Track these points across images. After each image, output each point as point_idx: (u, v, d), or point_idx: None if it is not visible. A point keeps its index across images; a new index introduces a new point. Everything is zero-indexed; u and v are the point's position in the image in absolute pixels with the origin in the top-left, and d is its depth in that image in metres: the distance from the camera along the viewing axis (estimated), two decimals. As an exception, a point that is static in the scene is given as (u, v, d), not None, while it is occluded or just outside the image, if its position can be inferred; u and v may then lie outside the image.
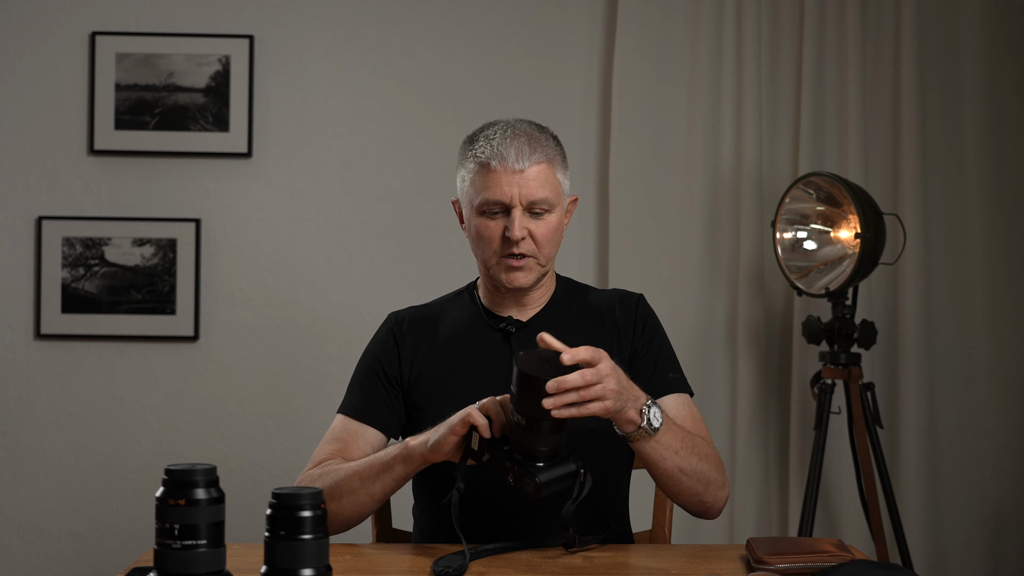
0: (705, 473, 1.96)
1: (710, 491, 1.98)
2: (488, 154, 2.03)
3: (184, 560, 1.44)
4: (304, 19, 3.44)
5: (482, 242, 2.06)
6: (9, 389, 3.38)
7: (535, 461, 1.78)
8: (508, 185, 2.02)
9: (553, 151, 2.07)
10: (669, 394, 2.09)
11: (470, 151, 2.07)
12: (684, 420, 2.06)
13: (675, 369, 2.14)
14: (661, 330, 2.17)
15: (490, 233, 2.05)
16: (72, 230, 3.37)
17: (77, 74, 3.40)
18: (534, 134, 2.06)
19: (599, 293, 2.21)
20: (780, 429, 3.41)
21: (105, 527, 3.38)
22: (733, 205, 3.39)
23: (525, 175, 2.02)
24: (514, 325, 2.10)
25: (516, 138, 2.04)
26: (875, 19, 3.40)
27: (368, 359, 2.16)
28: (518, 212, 2.02)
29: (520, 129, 2.06)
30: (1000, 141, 3.42)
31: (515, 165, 2.02)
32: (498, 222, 2.04)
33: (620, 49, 3.39)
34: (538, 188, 2.03)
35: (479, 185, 2.04)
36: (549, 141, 2.08)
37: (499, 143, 2.03)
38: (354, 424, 2.10)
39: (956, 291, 3.41)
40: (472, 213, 2.07)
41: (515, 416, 1.77)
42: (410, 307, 2.21)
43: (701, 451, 1.96)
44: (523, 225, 2.02)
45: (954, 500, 3.37)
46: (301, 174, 3.44)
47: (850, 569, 1.60)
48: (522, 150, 2.02)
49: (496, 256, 2.06)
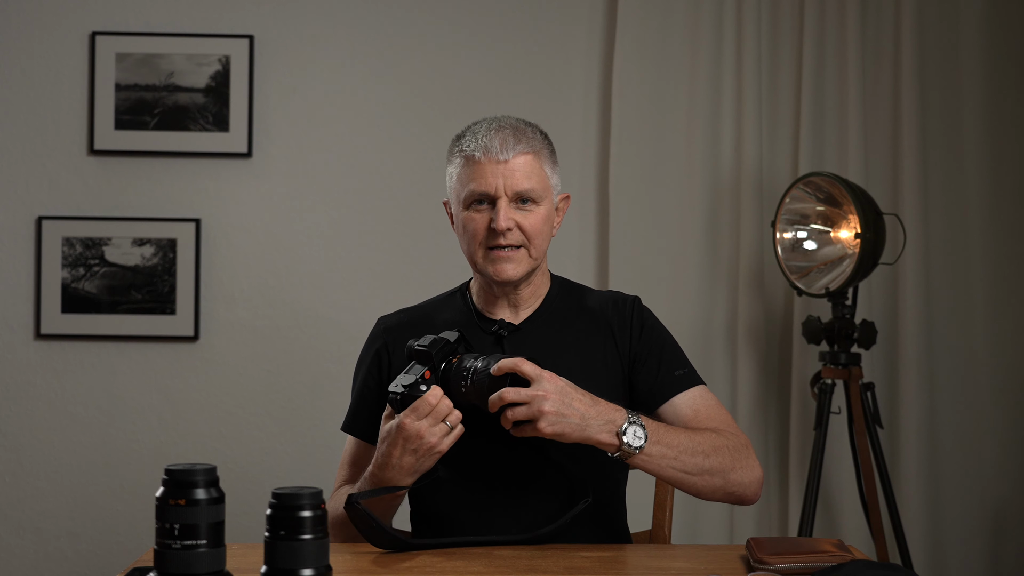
0: (715, 467, 1.94)
1: (731, 480, 1.96)
2: (473, 147, 2.02)
3: (184, 560, 1.44)
4: (304, 19, 3.44)
5: (468, 235, 2.04)
6: (9, 389, 3.38)
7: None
8: (492, 176, 2.00)
9: (540, 144, 2.06)
10: (679, 393, 2.07)
11: (456, 147, 2.07)
12: (699, 413, 2.04)
13: (681, 364, 2.11)
14: (660, 328, 2.14)
15: (475, 226, 2.02)
16: (72, 230, 3.37)
17: (77, 74, 3.40)
18: (520, 127, 2.05)
19: (595, 294, 2.18)
20: (780, 429, 3.41)
21: (105, 527, 3.38)
22: (733, 205, 3.39)
23: (510, 165, 2.01)
24: (506, 328, 2.08)
25: (501, 130, 2.03)
26: (875, 19, 3.40)
27: (361, 373, 2.15)
28: (503, 202, 2.00)
29: (505, 122, 2.05)
30: (1000, 141, 3.42)
31: (499, 155, 2.00)
32: (483, 214, 2.02)
33: (620, 49, 3.39)
34: (523, 179, 2.01)
35: (464, 178, 2.03)
36: (536, 134, 2.06)
37: (483, 135, 2.02)
38: (362, 446, 2.11)
39: (956, 291, 3.41)
40: (459, 208, 2.05)
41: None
42: (400, 310, 2.19)
43: (705, 447, 1.94)
44: (509, 215, 2.00)
45: (954, 500, 3.37)
46: (301, 174, 3.44)
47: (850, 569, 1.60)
48: (506, 141, 2.01)
49: (482, 248, 2.03)
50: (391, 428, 1.87)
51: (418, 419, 1.85)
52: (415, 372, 1.88)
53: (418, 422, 1.85)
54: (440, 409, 1.85)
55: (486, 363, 1.87)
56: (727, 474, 1.96)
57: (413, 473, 1.89)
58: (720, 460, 1.95)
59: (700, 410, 2.05)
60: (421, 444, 1.85)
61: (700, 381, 2.10)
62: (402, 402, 1.87)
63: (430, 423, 1.85)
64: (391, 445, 1.87)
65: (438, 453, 1.88)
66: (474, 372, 1.87)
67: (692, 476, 1.93)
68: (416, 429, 1.85)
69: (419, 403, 1.85)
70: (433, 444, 1.86)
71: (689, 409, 2.05)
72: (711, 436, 1.97)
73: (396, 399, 1.87)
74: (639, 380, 2.08)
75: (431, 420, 1.85)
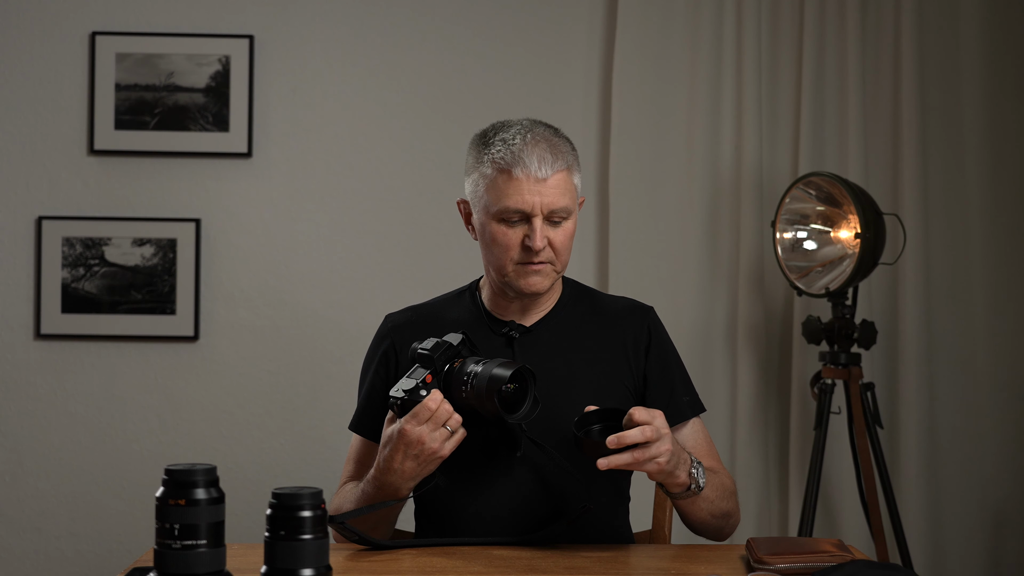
0: (728, 511, 2.02)
1: (729, 525, 2.05)
2: (509, 160, 1.97)
3: (184, 560, 1.44)
4: (304, 19, 3.44)
5: (498, 248, 2.01)
6: (9, 389, 3.38)
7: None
8: (530, 194, 1.97)
9: (571, 156, 2.04)
10: (686, 421, 2.10)
11: (486, 154, 2.01)
12: (701, 448, 2.09)
13: (688, 389, 2.13)
14: (670, 346, 2.15)
15: (508, 240, 2.00)
16: (72, 230, 3.37)
17: (77, 74, 3.40)
18: (553, 140, 2.02)
19: (608, 300, 2.18)
20: (780, 429, 3.41)
21: (105, 527, 3.38)
22: (733, 205, 3.39)
23: (548, 184, 1.98)
24: (517, 330, 2.07)
25: (537, 144, 1.99)
26: (875, 19, 3.40)
27: (368, 371, 2.14)
28: (539, 221, 1.98)
29: (539, 134, 2.01)
30: (1000, 141, 3.42)
31: (537, 173, 1.97)
32: (517, 230, 2.00)
33: (620, 49, 3.39)
34: (559, 197, 1.99)
35: (499, 192, 1.99)
36: (567, 146, 2.04)
37: (520, 149, 1.98)
38: (369, 445, 2.11)
39: (956, 291, 3.40)
40: (487, 218, 2.01)
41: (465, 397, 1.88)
42: (407, 308, 2.19)
43: (726, 490, 2.00)
44: (544, 235, 1.98)
45: (954, 500, 3.37)
46: (301, 174, 3.44)
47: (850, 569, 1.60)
48: (544, 158, 1.98)
49: (513, 264, 2.01)
50: (392, 433, 1.87)
51: (418, 424, 1.84)
52: (416, 376, 1.88)
53: (419, 427, 1.84)
54: (440, 414, 1.85)
55: (487, 367, 1.87)
56: (730, 518, 2.04)
57: (415, 478, 1.90)
58: (731, 506, 2.03)
59: (702, 444, 2.10)
60: (422, 449, 1.85)
61: (702, 408, 2.14)
62: (402, 407, 1.87)
63: (431, 428, 1.85)
64: (393, 450, 1.87)
65: (440, 458, 1.87)
66: (474, 377, 1.87)
67: (714, 519, 1.99)
68: (417, 435, 1.85)
69: (419, 408, 1.84)
70: (435, 449, 1.85)
71: (692, 441, 2.09)
72: (725, 480, 2.03)
73: (396, 404, 1.87)
74: (651, 401, 2.09)
75: (431, 425, 1.85)
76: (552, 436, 1.97)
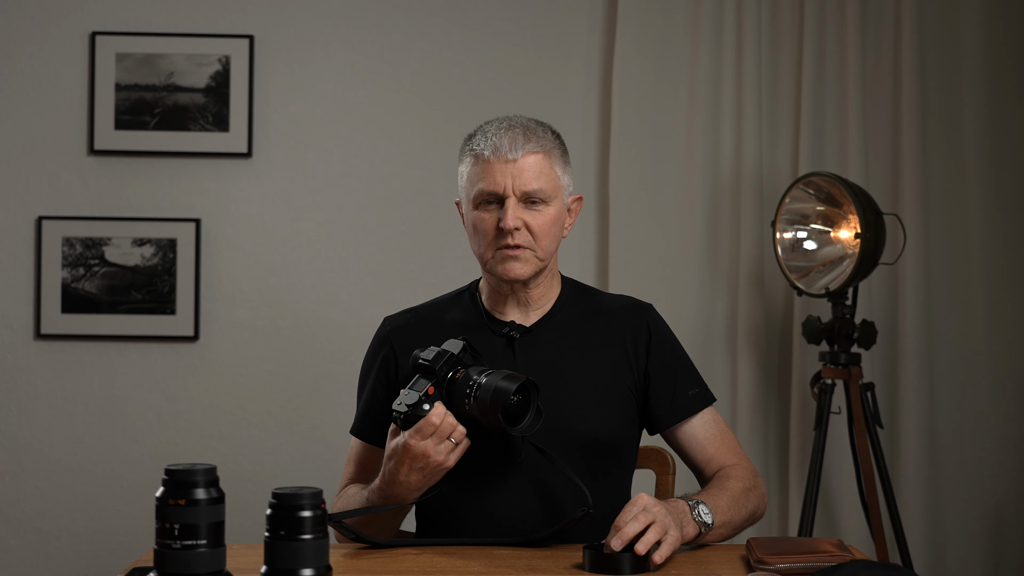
0: (752, 511, 2.03)
1: (757, 515, 2.06)
2: (483, 146, 2.01)
3: (184, 560, 1.44)
4: (304, 19, 3.44)
5: (478, 235, 2.03)
6: (9, 389, 3.38)
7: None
8: (501, 175, 1.99)
9: (551, 143, 2.04)
10: (695, 414, 2.10)
11: (467, 147, 2.06)
12: (714, 439, 2.09)
13: (695, 382, 2.13)
14: (673, 341, 2.15)
15: (485, 225, 2.02)
16: (72, 230, 3.37)
17: (77, 74, 3.40)
18: (530, 126, 2.04)
19: (608, 298, 2.17)
20: (780, 429, 3.41)
21: (105, 527, 3.38)
22: (733, 205, 3.39)
23: (519, 164, 2.00)
24: (518, 330, 2.07)
25: (511, 129, 2.02)
26: (875, 19, 3.40)
27: (368, 376, 2.14)
28: (512, 202, 1.99)
29: (516, 121, 2.04)
30: (1000, 141, 3.42)
31: (508, 155, 1.99)
32: (492, 214, 2.01)
33: (620, 49, 3.39)
34: (532, 178, 2.00)
35: (474, 177, 2.03)
36: (547, 134, 2.05)
37: (494, 135, 2.01)
38: (369, 448, 2.11)
39: (956, 291, 3.40)
40: (469, 207, 2.04)
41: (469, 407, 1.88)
42: (406, 310, 2.18)
43: (739, 499, 2.00)
44: (517, 215, 1.99)
45: (954, 500, 3.37)
46: (301, 174, 3.44)
47: (850, 569, 1.60)
48: (516, 140, 2.00)
49: (491, 248, 2.02)
50: (396, 447, 1.88)
51: (423, 439, 1.85)
52: (418, 388, 1.87)
53: (423, 442, 1.85)
54: (444, 428, 1.85)
55: (490, 380, 1.86)
56: (755, 512, 2.05)
57: (420, 489, 1.91)
58: (753, 504, 2.03)
59: (715, 435, 2.10)
60: (428, 463, 1.86)
61: (712, 398, 2.14)
62: (406, 422, 1.87)
63: (435, 442, 1.85)
64: (398, 463, 1.88)
65: (445, 469, 1.89)
66: (478, 388, 1.86)
67: (738, 529, 2.00)
68: (422, 449, 1.85)
69: (423, 424, 1.85)
70: (440, 462, 1.86)
71: (703, 433, 2.10)
72: (736, 483, 2.02)
73: (400, 418, 1.87)
74: (654, 397, 2.09)
75: (436, 439, 1.85)
76: (553, 437, 1.97)
